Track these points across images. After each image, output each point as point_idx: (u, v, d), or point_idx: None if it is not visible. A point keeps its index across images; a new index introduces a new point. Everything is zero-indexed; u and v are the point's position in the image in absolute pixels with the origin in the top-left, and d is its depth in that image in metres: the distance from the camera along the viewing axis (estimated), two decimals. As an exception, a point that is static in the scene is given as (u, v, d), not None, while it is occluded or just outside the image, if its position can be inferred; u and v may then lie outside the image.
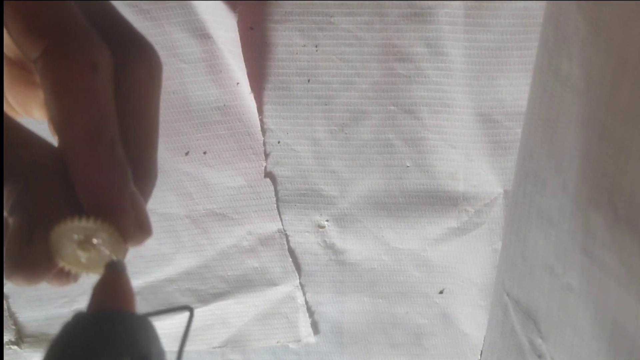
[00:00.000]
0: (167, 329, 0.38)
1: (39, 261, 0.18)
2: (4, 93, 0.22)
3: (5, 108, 0.22)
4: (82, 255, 0.18)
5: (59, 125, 0.18)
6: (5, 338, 0.37)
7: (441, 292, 0.36)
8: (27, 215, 0.17)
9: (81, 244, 0.18)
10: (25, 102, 0.23)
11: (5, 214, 0.18)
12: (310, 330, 0.37)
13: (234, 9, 0.31)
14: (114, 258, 0.19)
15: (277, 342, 0.38)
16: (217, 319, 0.37)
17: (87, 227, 0.18)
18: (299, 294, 0.37)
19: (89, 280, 0.39)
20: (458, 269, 0.35)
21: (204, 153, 0.34)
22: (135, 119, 0.21)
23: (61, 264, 0.18)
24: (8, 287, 0.36)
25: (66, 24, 0.18)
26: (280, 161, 0.34)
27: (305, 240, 0.36)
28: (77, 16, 0.19)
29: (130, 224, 0.19)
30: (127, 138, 0.20)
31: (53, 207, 0.18)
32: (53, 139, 0.19)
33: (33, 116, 0.23)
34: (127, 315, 0.18)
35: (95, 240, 0.18)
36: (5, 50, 0.22)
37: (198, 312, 0.37)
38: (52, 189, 0.18)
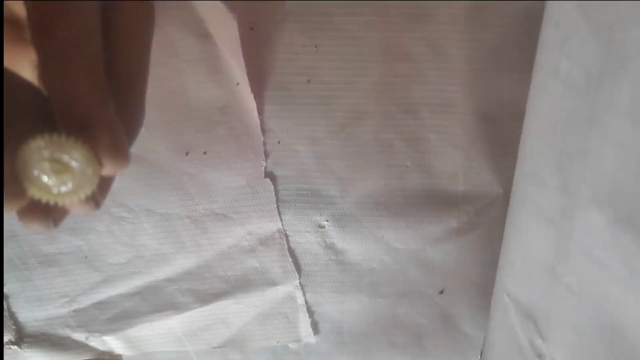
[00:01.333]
0: (166, 329, 0.38)
1: (7, 185, 0.17)
2: None
3: None
4: (53, 180, 0.17)
5: (38, 39, 0.18)
6: (5, 338, 0.37)
7: (441, 292, 0.36)
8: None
9: (51, 163, 0.17)
10: (15, 62, 0.22)
11: None
12: (310, 330, 0.37)
13: (233, 9, 0.31)
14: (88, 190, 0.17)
15: (277, 342, 0.38)
16: (217, 319, 0.37)
17: (58, 144, 0.17)
18: (299, 294, 0.37)
19: (88, 281, 0.39)
20: (458, 269, 0.35)
21: (204, 153, 0.34)
22: (123, 50, 0.20)
23: (30, 190, 0.17)
24: (8, 287, 0.36)
25: None
26: (280, 161, 0.34)
27: (305, 240, 0.36)
28: None
29: (105, 144, 0.18)
30: (113, 70, 0.20)
31: (23, 128, 0.17)
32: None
33: (24, 76, 0.23)
34: None
35: (65, 157, 0.17)
36: None
37: (198, 312, 0.37)
38: (22, 110, 0.18)
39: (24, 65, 0.22)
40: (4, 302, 0.36)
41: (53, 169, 0.17)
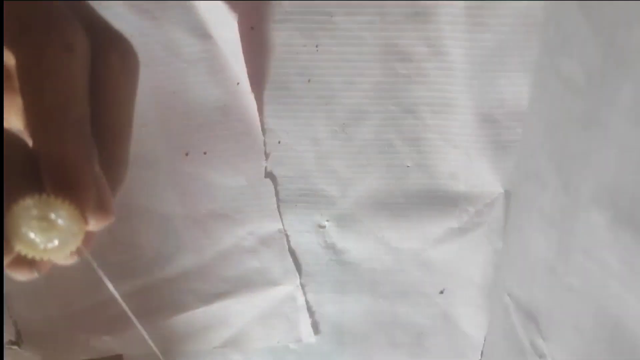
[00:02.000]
0: (168, 328, 0.38)
1: None
2: None
3: None
4: (40, 237, 0.18)
5: (28, 103, 0.18)
6: (5, 338, 0.37)
7: (442, 292, 0.36)
8: None
9: (39, 221, 0.17)
10: (4, 109, 0.22)
11: None
12: (310, 330, 0.37)
13: (234, 9, 0.31)
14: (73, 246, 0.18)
15: (278, 342, 0.38)
16: (218, 319, 0.37)
17: (47, 203, 0.17)
18: (299, 294, 0.37)
19: (88, 280, 0.39)
20: (458, 269, 0.35)
21: (205, 153, 0.34)
22: (107, 106, 0.21)
23: (17, 247, 0.17)
24: (8, 287, 0.36)
25: (40, 5, 0.19)
26: (280, 161, 0.34)
27: (305, 240, 0.36)
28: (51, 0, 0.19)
29: (90, 202, 0.18)
30: (99, 125, 0.20)
31: (12, 187, 0.18)
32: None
33: (10, 124, 0.23)
34: None
35: (53, 216, 0.17)
36: None
37: (198, 312, 0.37)
38: (13, 169, 0.18)
39: (11, 113, 0.23)
40: (4, 302, 0.36)
41: (40, 227, 0.17)
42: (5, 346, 0.37)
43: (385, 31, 0.31)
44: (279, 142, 0.34)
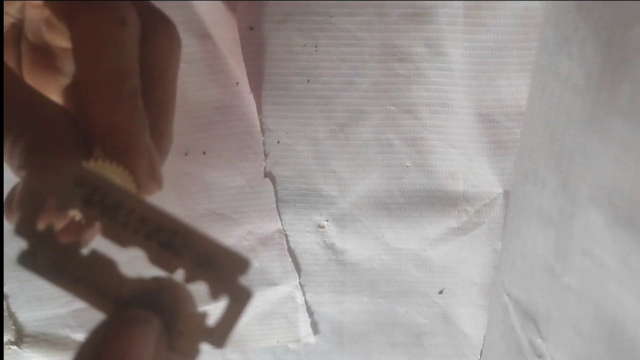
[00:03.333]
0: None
1: (47, 205, 0.17)
2: (24, 78, 0.23)
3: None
4: None
5: (84, 72, 0.19)
6: (5, 338, 0.37)
7: (441, 292, 0.36)
8: (38, 165, 0.18)
9: None
10: (43, 87, 0.23)
11: (17, 169, 0.18)
12: (310, 330, 0.37)
13: (234, 9, 0.31)
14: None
15: (277, 342, 0.38)
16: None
17: (101, 167, 0.17)
18: (298, 294, 0.37)
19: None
20: (458, 269, 0.35)
21: (204, 153, 0.34)
22: (154, 82, 0.22)
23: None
24: (8, 287, 0.36)
25: None
26: (279, 161, 0.34)
27: (305, 240, 0.36)
28: None
29: (143, 170, 0.19)
30: (146, 98, 0.21)
31: (63, 153, 0.18)
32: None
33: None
34: None
35: None
36: (28, 35, 0.23)
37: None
38: (63, 139, 0.19)
39: (51, 90, 0.23)
40: (4, 302, 0.36)
41: None
42: (5, 346, 0.37)
43: (385, 32, 0.31)
44: (278, 142, 0.34)
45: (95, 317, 0.17)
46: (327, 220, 0.35)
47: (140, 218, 0.15)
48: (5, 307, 0.36)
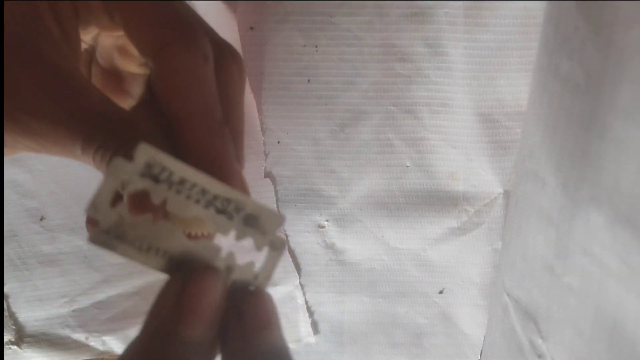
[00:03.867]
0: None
1: None
2: None
3: None
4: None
5: (174, 107, 0.21)
6: (5, 338, 0.37)
7: (441, 292, 0.36)
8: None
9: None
10: None
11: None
12: (310, 330, 0.37)
13: (234, 9, 0.31)
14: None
15: (277, 342, 0.38)
16: (217, 319, 0.37)
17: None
18: (298, 294, 0.37)
19: (88, 280, 0.39)
20: (458, 269, 0.35)
21: (204, 153, 0.34)
22: (231, 111, 0.23)
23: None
24: (8, 287, 0.36)
25: (186, 18, 0.21)
26: (280, 161, 0.34)
27: (305, 240, 0.36)
28: (192, 12, 0.22)
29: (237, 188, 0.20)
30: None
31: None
32: None
33: None
34: None
35: None
36: (100, 60, 0.25)
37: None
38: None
39: None
40: (4, 302, 0.36)
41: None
42: (5, 346, 0.37)
43: (385, 32, 0.31)
44: (278, 142, 0.34)
45: (95, 317, 0.17)
46: (327, 220, 0.35)
47: (201, 190, 0.18)
48: (5, 307, 0.36)
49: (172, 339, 0.17)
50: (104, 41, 0.25)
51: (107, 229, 0.17)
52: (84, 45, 0.24)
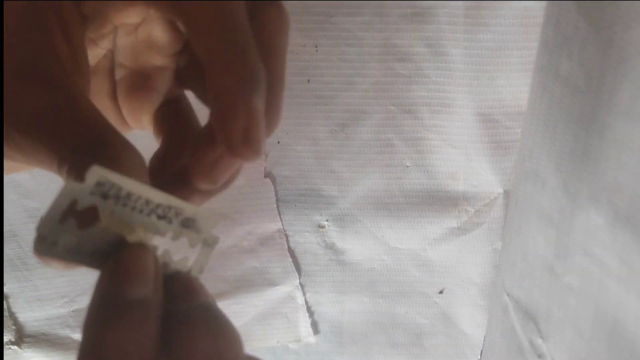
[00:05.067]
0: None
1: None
2: (120, 104, 0.25)
3: (115, 123, 0.25)
4: None
5: (206, 50, 0.20)
6: (5, 338, 0.37)
7: (441, 292, 0.36)
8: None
9: None
10: (137, 109, 0.25)
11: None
12: (310, 330, 0.37)
13: (233, 8, 0.31)
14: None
15: (277, 342, 0.38)
16: (217, 319, 0.37)
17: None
18: (298, 294, 0.37)
19: (88, 280, 0.39)
20: (458, 269, 0.35)
21: (204, 153, 0.33)
22: (267, 57, 0.23)
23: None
24: (8, 287, 0.36)
25: None
26: (280, 161, 0.34)
27: (305, 240, 0.36)
28: None
29: (238, 130, 0.20)
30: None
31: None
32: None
33: (142, 124, 0.26)
34: None
35: None
36: (123, 61, 0.24)
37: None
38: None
39: (146, 109, 0.25)
40: (4, 302, 0.36)
41: None
42: (5, 346, 0.37)
43: (385, 31, 0.31)
44: (278, 142, 0.34)
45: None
46: (327, 220, 0.35)
47: (145, 201, 0.19)
48: (5, 307, 0.36)
49: (117, 300, 0.18)
50: (122, 41, 0.24)
51: (54, 241, 0.18)
52: (101, 52, 0.24)
